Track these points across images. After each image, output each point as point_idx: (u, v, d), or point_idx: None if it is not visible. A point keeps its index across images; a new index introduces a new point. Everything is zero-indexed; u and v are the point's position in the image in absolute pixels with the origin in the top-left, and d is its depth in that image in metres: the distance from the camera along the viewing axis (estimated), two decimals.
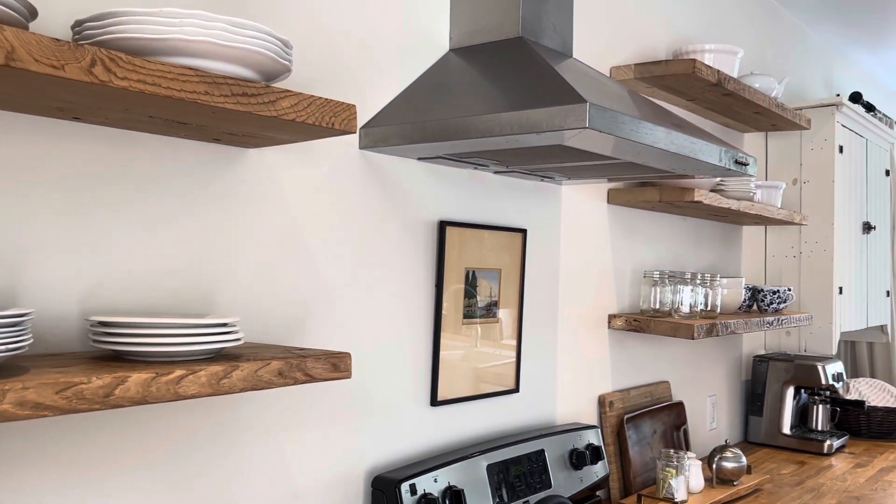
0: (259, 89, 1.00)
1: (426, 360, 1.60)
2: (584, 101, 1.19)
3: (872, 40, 3.76)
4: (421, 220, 1.59)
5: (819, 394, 2.86)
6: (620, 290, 2.24)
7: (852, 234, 3.04)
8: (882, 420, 2.98)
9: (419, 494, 1.41)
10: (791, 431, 2.79)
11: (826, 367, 2.75)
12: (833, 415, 2.90)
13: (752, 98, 2.33)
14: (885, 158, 3.43)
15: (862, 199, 3.14)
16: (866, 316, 3.19)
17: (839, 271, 2.90)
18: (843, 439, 2.83)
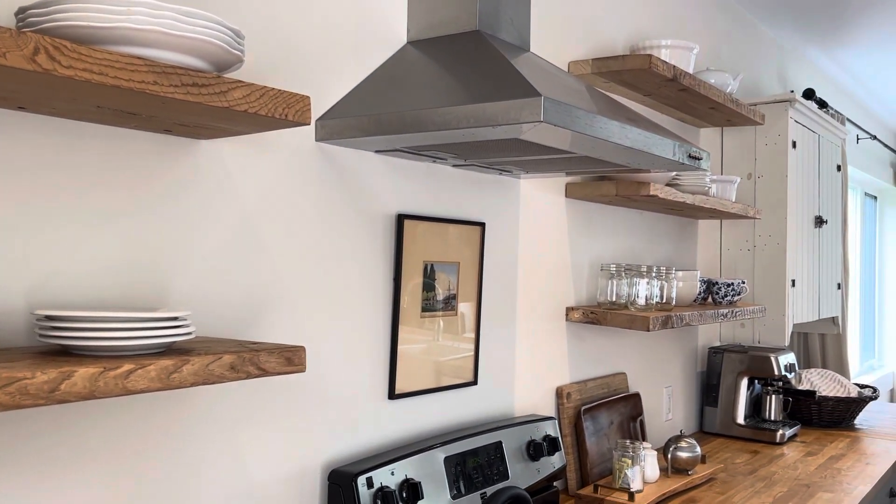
0: (210, 79, 0.98)
1: (384, 354, 1.60)
2: (538, 95, 1.19)
3: (825, 38, 3.85)
4: (379, 212, 1.59)
5: (772, 384, 2.92)
6: (578, 283, 2.26)
7: (805, 227, 3.10)
8: (833, 409, 3.06)
9: (376, 487, 1.41)
10: (745, 421, 2.85)
11: (779, 359, 2.81)
12: (786, 405, 2.97)
13: (708, 93, 2.37)
14: (836, 154, 3.51)
15: (814, 194, 3.21)
16: (818, 308, 3.27)
17: (792, 264, 2.96)
18: (795, 428, 2.89)
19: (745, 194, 2.99)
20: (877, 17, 3.54)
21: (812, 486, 2.25)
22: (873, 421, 3.26)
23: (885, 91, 4.93)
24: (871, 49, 4.03)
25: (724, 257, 3.06)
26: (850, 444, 2.81)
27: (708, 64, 3.02)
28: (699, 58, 2.95)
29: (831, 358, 3.91)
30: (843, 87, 4.81)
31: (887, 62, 4.27)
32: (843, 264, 3.81)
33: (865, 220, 6.04)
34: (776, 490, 2.20)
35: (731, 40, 3.25)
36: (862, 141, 5.26)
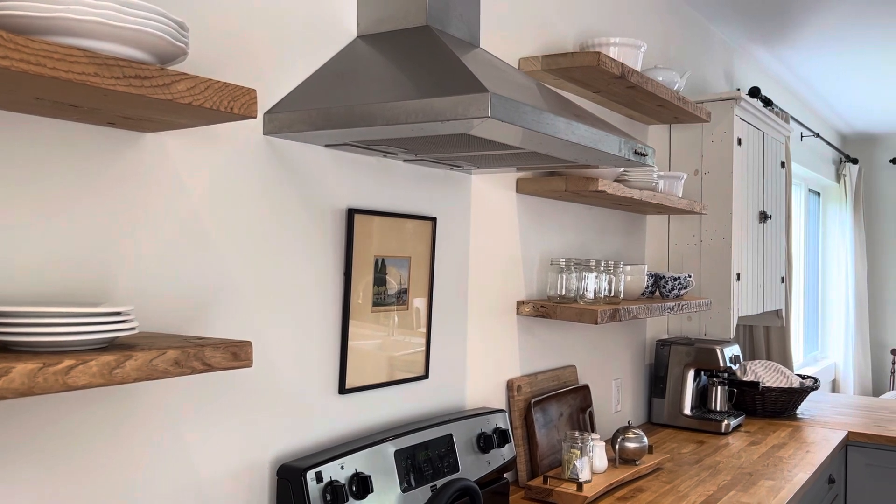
0: (153, 72, 0.97)
1: (334, 348, 1.60)
2: (486, 91, 1.21)
3: (771, 38, 3.95)
4: (329, 207, 1.59)
5: (718, 376, 3.00)
6: (529, 277, 2.29)
7: (749, 223, 3.19)
8: (776, 400, 3.15)
9: (325, 482, 1.41)
10: (691, 412, 2.91)
11: (724, 351, 2.88)
12: (731, 395, 3.05)
13: (655, 91, 2.41)
14: (780, 151, 3.61)
15: (759, 190, 3.29)
16: (762, 301, 3.36)
17: (737, 259, 3.04)
18: (740, 419, 2.97)
19: (692, 190, 3.06)
20: (820, 18, 3.65)
21: (755, 475, 2.32)
22: (815, 410, 3.36)
23: (829, 90, 5.07)
24: (815, 49, 4.14)
25: (671, 252, 3.13)
26: (792, 434, 2.90)
27: (656, 62, 3.07)
28: (648, 56, 3.01)
29: (775, 350, 4.02)
30: (788, 86, 4.94)
31: (830, 62, 4.40)
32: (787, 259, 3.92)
33: (809, 216, 6.22)
34: (720, 478, 2.26)
35: (680, 39, 3.32)
36: (806, 139, 5.41)
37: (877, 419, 3.21)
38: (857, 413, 3.33)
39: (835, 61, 4.37)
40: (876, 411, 3.39)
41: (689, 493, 2.10)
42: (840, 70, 4.56)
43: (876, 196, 6.76)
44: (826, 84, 4.90)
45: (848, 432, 2.96)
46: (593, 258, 2.64)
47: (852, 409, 3.44)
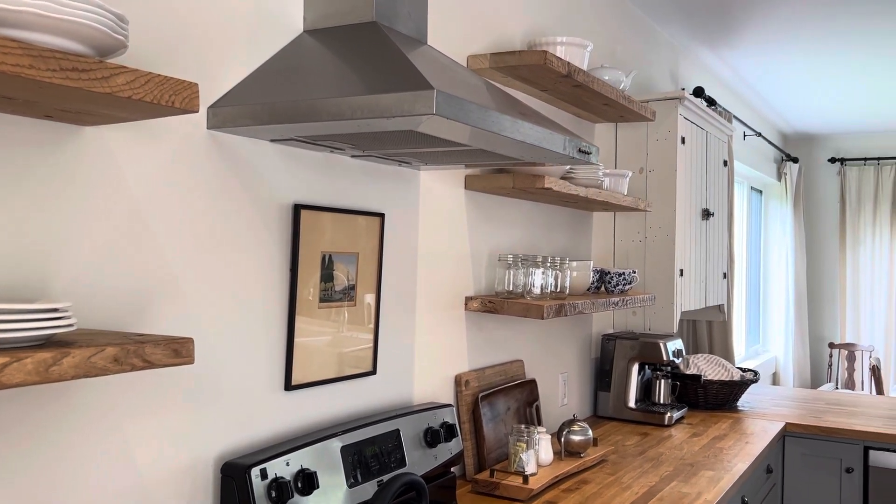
0: (91, 64, 0.96)
1: (280, 345, 1.60)
2: (431, 88, 1.21)
3: (714, 39, 4.04)
4: (275, 202, 1.58)
5: (661, 369, 3.06)
6: (477, 273, 2.31)
7: (693, 220, 3.26)
8: (717, 392, 3.24)
9: (270, 479, 1.40)
10: (636, 405, 2.98)
11: (667, 345, 2.95)
12: (674, 388, 3.12)
13: (601, 90, 2.45)
14: (723, 150, 3.70)
15: (702, 188, 3.37)
16: (705, 296, 3.44)
17: (680, 255, 3.11)
18: (683, 411, 3.05)
19: (638, 188, 3.12)
20: (762, 21, 3.75)
21: (696, 465, 2.38)
22: (754, 402, 3.47)
23: (770, 91, 5.22)
24: (757, 51, 4.26)
25: (617, 248, 3.18)
26: (733, 425, 2.98)
27: (603, 61, 3.12)
28: (595, 55, 3.05)
29: (717, 344, 4.13)
30: (731, 87, 5.06)
31: (772, 64, 4.52)
32: (729, 255, 4.02)
33: (751, 213, 6.39)
34: (663, 469, 2.32)
35: (627, 39, 3.37)
36: (748, 138, 5.56)
37: (813, 410, 3.32)
38: (795, 405, 3.45)
39: (776, 63, 4.50)
40: (812, 403, 3.51)
41: (633, 485, 2.15)
42: (781, 71, 4.69)
43: (815, 194, 6.98)
44: (768, 85, 5.04)
45: (785, 423, 3.05)
46: (541, 254, 2.67)
47: (790, 400, 3.56)
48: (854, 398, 3.67)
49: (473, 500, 1.98)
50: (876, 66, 4.49)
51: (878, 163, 6.67)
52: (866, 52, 4.21)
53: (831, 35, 3.94)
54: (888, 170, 6.62)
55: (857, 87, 5.06)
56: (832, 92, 5.21)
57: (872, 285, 6.66)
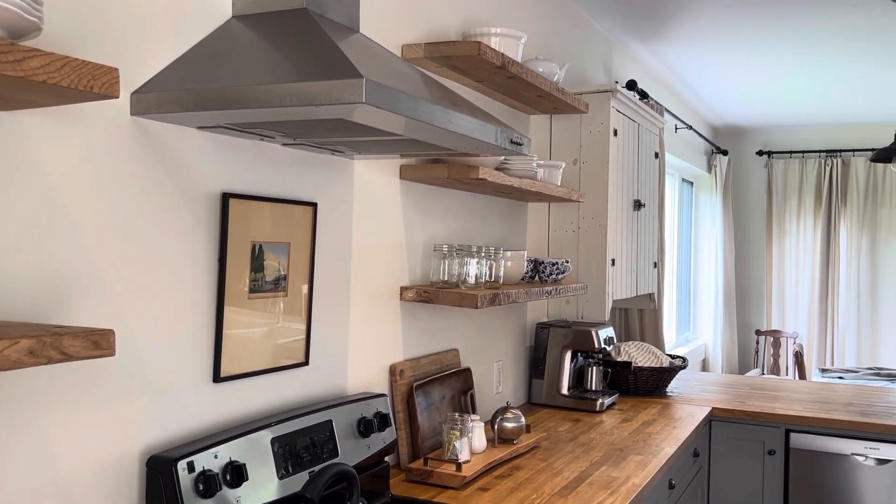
0: (3, 47, 0.92)
1: (208, 336, 1.57)
2: (360, 77, 1.21)
3: (647, 33, 4.12)
4: (202, 191, 1.55)
5: (593, 357, 3.13)
6: (413, 263, 2.31)
7: (624, 210, 3.33)
8: (647, 379, 3.32)
9: (197, 472, 1.38)
10: (569, 392, 3.03)
11: (599, 332, 3.01)
12: (605, 375, 3.19)
13: (535, 82, 2.48)
14: (654, 142, 3.78)
15: (633, 179, 3.44)
16: (636, 285, 3.52)
17: (612, 245, 3.17)
18: (614, 397, 3.12)
19: (572, 179, 3.16)
20: (693, 15, 3.84)
21: (625, 450, 2.44)
22: (683, 388, 3.57)
23: (701, 85, 5.35)
24: (688, 45, 4.36)
25: (551, 238, 3.23)
26: (662, 410, 3.06)
27: (538, 53, 3.15)
28: (530, 47, 3.08)
29: (648, 331, 4.23)
30: (663, 80, 5.18)
31: (702, 58, 4.64)
32: (660, 245, 4.12)
33: (683, 205, 6.56)
34: (593, 455, 2.37)
35: (562, 32, 3.41)
36: (680, 130, 5.69)
37: (738, 395, 3.44)
38: (722, 390, 3.56)
39: (707, 57, 4.62)
40: (738, 388, 3.63)
41: (563, 470, 2.19)
42: (711, 66, 4.82)
43: (743, 186, 7.20)
44: (699, 79, 5.17)
45: (712, 408, 3.15)
46: (477, 244, 2.69)
47: (718, 386, 3.67)
48: (778, 383, 3.81)
49: (407, 489, 1.99)
50: (803, 62, 4.65)
51: (802, 156, 6.92)
52: (794, 48, 4.36)
53: (760, 31, 4.06)
54: (812, 162, 6.87)
55: (785, 83, 5.23)
56: (761, 86, 5.38)
57: (797, 274, 6.92)
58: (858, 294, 6.70)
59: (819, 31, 4.03)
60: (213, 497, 1.40)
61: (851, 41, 4.18)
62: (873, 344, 6.68)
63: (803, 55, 4.49)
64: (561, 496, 1.96)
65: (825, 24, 3.89)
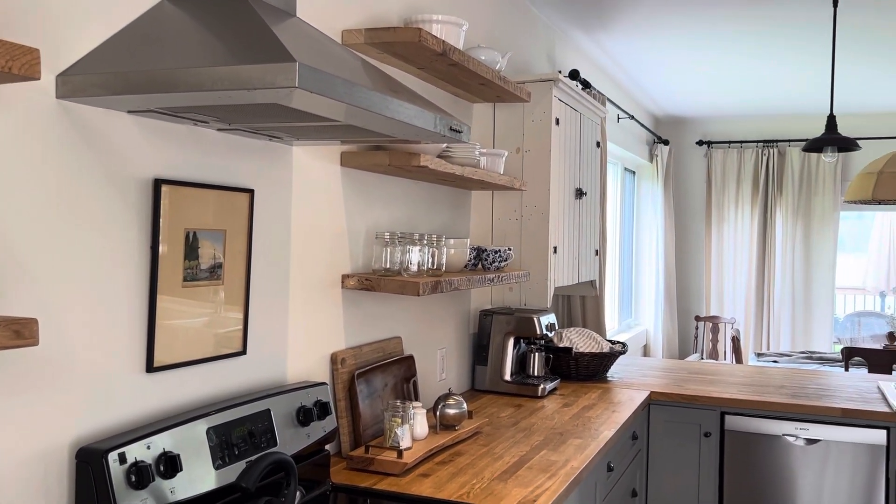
0: None
1: (140, 325, 1.54)
2: (294, 61, 1.19)
3: (589, 23, 4.16)
4: (133, 177, 1.51)
5: (535, 343, 3.16)
6: (354, 251, 2.30)
7: (566, 199, 3.37)
8: (588, 364, 3.37)
9: (129, 463, 1.35)
10: (511, 378, 3.06)
11: (541, 319, 3.04)
12: (547, 361, 3.23)
13: (477, 70, 2.48)
14: (596, 131, 3.83)
15: (575, 168, 3.48)
16: (578, 273, 3.57)
17: (554, 233, 3.20)
18: (555, 382, 3.16)
19: (515, 167, 3.19)
20: (635, 6, 3.89)
21: (565, 434, 2.48)
22: (623, 373, 3.64)
23: (643, 75, 5.44)
24: (630, 36, 4.42)
25: (495, 226, 3.25)
26: (602, 395, 3.12)
27: (481, 42, 3.16)
28: (474, 36, 3.08)
29: (590, 318, 4.30)
30: (606, 71, 5.24)
31: (644, 49, 4.71)
32: (601, 233, 4.18)
33: (625, 193, 6.66)
34: (534, 439, 2.40)
35: (505, 21, 3.42)
36: (622, 120, 5.78)
37: (677, 379, 3.52)
38: (661, 374, 3.64)
39: (647, 48, 4.69)
40: (677, 372, 3.72)
41: (504, 455, 2.22)
42: (653, 57, 4.90)
43: (684, 175, 7.36)
44: (641, 69, 5.25)
45: (650, 392, 3.23)
46: (420, 232, 2.69)
47: (657, 371, 3.76)
48: (715, 367, 3.92)
49: (348, 477, 1.98)
50: (742, 54, 4.76)
51: (740, 145, 7.09)
52: (733, 40, 4.46)
53: (700, 23, 4.14)
54: (749, 152, 7.05)
55: (724, 74, 5.35)
56: (701, 78, 5.49)
57: (735, 261, 7.11)
58: (793, 280, 6.92)
59: (756, 25, 4.13)
60: (145, 488, 1.37)
61: (788, 35, 4.29)
62: (807, 329, 6.91)
63: (742, 47, 4.60)
64: (501, 480, 1.99)
65: (762, 17, 3.99)
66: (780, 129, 7.00)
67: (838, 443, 3.04)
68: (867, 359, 4.71)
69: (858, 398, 3.18)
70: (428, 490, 1.89)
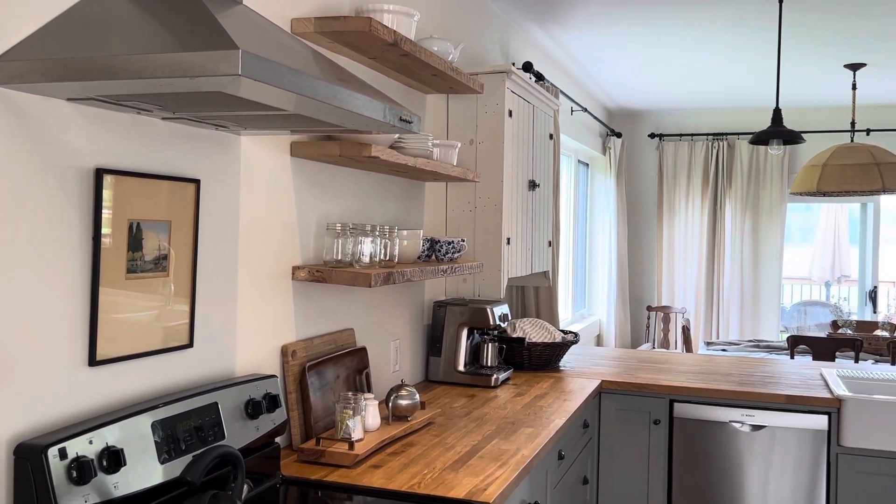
0: None
1: (82, 319, 1.50)
2: (236, 48, 1.17)
3: (543, 16, 4.19)
4: (74, 167, 1.47)
5: (489, 333, 3.18)
6: (305, 242, 2.28)
7: (520, 190, 3.39)
8: (541, 354, 3.41)
9: (70, 458, 1.33)
10: (465, 368, 3.07)
11: (494, 310, 3.06)
12: (500, 351, 3.25)
13: (429, 60, 2.48)
14: (549, 124, 3.86)
15: (528, 160, 3.50)
16: (531, 263, 3.60)
17: (507, 224, 3.22)
18: (508, 372, 3.18)
19: (468, 159, 3.19)
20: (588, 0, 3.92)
21: (517, 423, 2.50)
22: (575, 362, 3.68)
23: (596, 69, 5.49)
24: (584, 29, 4.46)
25: (449, 217, 3.25)
26: (554, 384, 3.15)
27: (434, 32, 3.15)
28: (428, 27, 3.07)
29: (544, 308, 4.34)
30: (560, 63, 5.28)
31: (598, 42, 4.75)
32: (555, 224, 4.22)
33: (579, 185, 6.73)
34: (486, 429, 2.42)
35: (458, 12, 3.42)
36: (576, 113, 5.83)
37: (628, 368, 3.58)
38: (613, 363, 3.70)
39: (600, 41, 4.73)
40: (628, 361, 3.78)
41: (456, 444, 2.23)
42: (605, 50, 4.94)
43: (636, 167, 7.46)
44: (593, 62, 5.29)
45: (601, 381, 3.27)
46: (373, 224, 2.68)
47: (608, 360, 3.81)
48: (665, 356, 3.99)
49: (299, 469, 1.97)
50: (692, 48, 4.84)
51: (691, 138, 7.21)
52: (683, 35, 4.52)
53: (652, 18, 4.20)
54: (700, 145, 7.18)
55: (675, 68, 5.43)
56: (653, 71, 5.57)
57: (685, 252, 7.24)
58: (742, 271, 7.08)
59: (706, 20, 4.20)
60: (87, 484, 1.35)
61: (736, 30, 4.37)
62: (755, 318, 7.08)
63: (692, 43, 4.67)
64: (452, 470, 2.00)
65: (711, 13, 4.06)
66: (729, 122, 7.13)
67: (783, 428, 3.13)
68: (812, 347, 4.84)
69: (802, 385, 3.28)
70: (379, 481, 1.89)
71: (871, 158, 4.90)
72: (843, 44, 4.61)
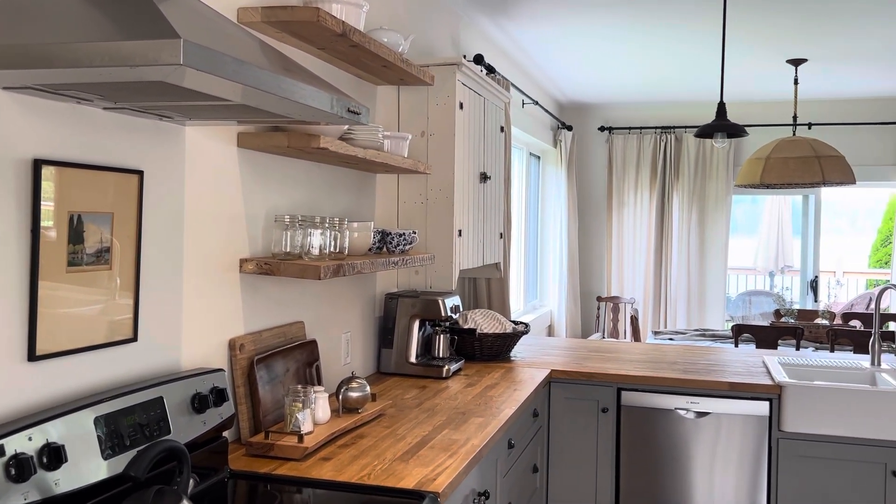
0: None
1: (20, 313, 1.47)
2: (178, 37, 1.16)
3: (494, 9, 4.20)
4: (11, 158, 1.43)
5: (440, 325, 3.19)
6: (253, 234, 2.25)
7: (471, 183, 3.40)
8: (492, 345, 3.43)
9: (9, 455, 1.29)
10: (417, 360, 3.08)
11: (445, 301, 3.07)
12: (452, 342, 3.27)
13: (378, 51, 2.47)
14: (500, 116, 3.88)
15: (480, 152, 3.52)
16: (482, 255, 3.62)
17: (459, 216, 3.23)
18: (460, 363, 3.20)
19: (420, 151, 3.19)
20: None
21: (467, 413, 2.52)
22: (526, 353, 3.72)
23: (547, 62, 5.53)
24: (535, 22, 4.49)
25: (400, 209, 3.25)
26: (504, 374, 3.18)
27: (384, 23, 3.14)
28: (378, 18, 3.06)
29: (495, 300, 4.37)
30: (511, 56, 5.30)
31: (547, 35, 4.79)
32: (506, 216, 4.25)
33: (530, 178, 6.78)
34: (437, 419, 2.43)
35: (409, 4, 3.41)
36: (527, 106, 5.87)
37: (577, 357, 3.63)
38: (562, 353, 3.74)
39: (551, 35, 4.77)
40: (577, 351, 3.83)
41: (406, 435, 2.24)
42: (557, 44, 4.99)
43: (586, 160, 7.55)
44: (544, 56, 5.34)
45: (551, 370, 3.31)
46: (323, 216, 2.66)
47: (559, 350, 3.86)
48: (614, 345, 4.06)
49: (248, 463, 1.96)
50: (639, 43, 4.91)
51: (640, 131, 7.32)
52: (631, 29, 4.59)
53: (600, 13, 4.24)
54: (648, 138, 7.30)
55: (624, 62, 5.50)
56: (602, 65, 5.63)
57: (634, 244, 7.36)
58: (688, 262, 7.22)
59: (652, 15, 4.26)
60: (27, 481, 1.32)
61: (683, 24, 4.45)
62: (701, 307, 7.24)
63: (640, 37, 4.74)
64: (402, 461, 2.00)
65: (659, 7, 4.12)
66: (677, 115, 7.26)
67: (727, 415, 3.21)
68: (755, 335, 4.98)
69: (745, 372, 3.37)
70: (328, 473, 1.89)
71: (812, 152, 5.04)
72: (785, 39, 4.73)
